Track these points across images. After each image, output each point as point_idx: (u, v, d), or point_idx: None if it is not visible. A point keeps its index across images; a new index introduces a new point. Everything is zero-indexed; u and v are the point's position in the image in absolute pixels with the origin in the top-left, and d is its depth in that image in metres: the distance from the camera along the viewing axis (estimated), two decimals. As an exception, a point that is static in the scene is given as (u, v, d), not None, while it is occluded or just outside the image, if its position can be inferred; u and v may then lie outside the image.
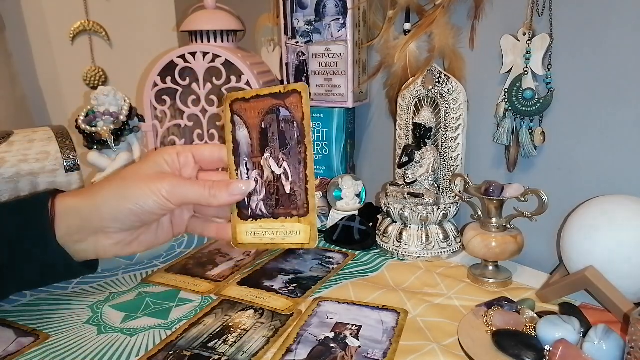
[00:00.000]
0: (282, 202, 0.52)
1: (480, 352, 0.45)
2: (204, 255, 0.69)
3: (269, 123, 0.51)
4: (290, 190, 0.51)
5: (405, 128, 0.72)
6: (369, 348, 0.46)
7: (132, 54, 1.31)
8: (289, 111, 0.50)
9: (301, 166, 0.50)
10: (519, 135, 0.64)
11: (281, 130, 0.50)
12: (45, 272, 0.53)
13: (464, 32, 0.69)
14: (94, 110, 0.79)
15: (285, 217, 0.52)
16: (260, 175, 0.52)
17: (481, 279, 0.59)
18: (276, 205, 0.52)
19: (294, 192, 0.51)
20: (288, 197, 0.51)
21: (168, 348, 0.47)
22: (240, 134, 0.52)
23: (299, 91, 0.49)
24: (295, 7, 0.78)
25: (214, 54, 0.80)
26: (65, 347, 0.48)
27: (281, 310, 0.53)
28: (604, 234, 0.51)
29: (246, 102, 0.51)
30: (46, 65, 1.30)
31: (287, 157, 0.51)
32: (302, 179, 0.50)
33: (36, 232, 0.50)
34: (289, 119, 0.50)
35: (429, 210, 0.66)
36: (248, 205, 0.53)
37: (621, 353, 0.40)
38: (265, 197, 0.52)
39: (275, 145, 0.51)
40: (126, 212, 0.50)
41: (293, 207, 0.51)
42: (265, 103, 0.51)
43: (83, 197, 0.51)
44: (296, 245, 0.52)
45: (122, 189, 0.50)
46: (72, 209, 0.51)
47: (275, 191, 0.52)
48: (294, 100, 0.49)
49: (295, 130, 0.50)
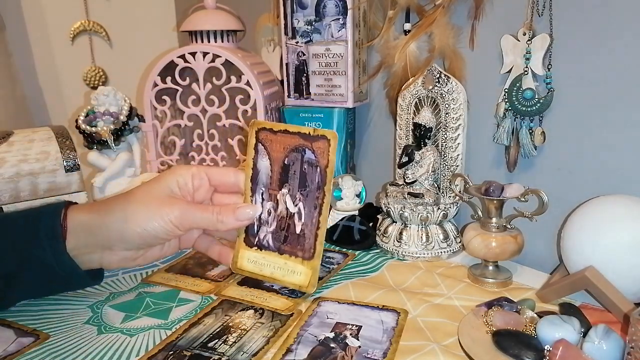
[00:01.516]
0: (290, 240, 0.52)
1: (480, 352, 0.45)
2: (204, 255, 0.68)
3: (292, 161, 0.51)
4: (300, 231, 0.51)
5: (405, 128, 0.72)
6: (369, 348, 0.46)
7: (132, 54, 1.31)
8: (314, 155, 0.50)
9: (316, 211, 0.51)
10: (519, 135, 0.64)
11: (303, 171, 0.51)
12: (54, 282, 0.53)
13: (464, 32, 0.69)
14: (94, 110, 0.79)
15: (290, 255, 0.52)
16: (274, 208, 0.52)
17: (481, 279, 0.59)
18: (284, 242, 0.52)
19: (304, 233, 0.51)
20: (297, 237, 0.52)
21: (168, 348, 0.47)
22: (261, 163, 0.53)
23: (328, 138, 0.49)
24: (295, 7, 0.78)
25: (214, 54, 0.81)
26: (65, 347, 0.48)
27: (281, 310, 0.53)
28: (603, 234, 0.51)
29: (273, 134, 0.52)
30: (46, 65, 1.30)
31: (304, 198, 0.51)
32: (314, 224, 0.51)
33: (49, 244, 0.50)
34: (313, 163, 0.50)
35: (429, 210, 0.66)
36: (256, 233, 0.53)
37: (621, 353, 0.40)
38: (275, 230, 0.52)
39: (295, 183, 0.51)
40: (133, 236, 0.51)
41: (300, 247, 0.52)
42: (292, 140, 0.51)
43: (93, 214, 0.52)
44: (294, 286, 0.53)
45: (132, 211, 0.51)
46: (82, 224, 0.51)
47: (285, 228, 0.52)
48: (322, 145, 0.50)
49: (317, 174, 0.50)
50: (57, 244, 0.50)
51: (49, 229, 0.50)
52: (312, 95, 0.81)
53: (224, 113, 0.83)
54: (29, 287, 0.53)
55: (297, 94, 0.82)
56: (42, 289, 0.55)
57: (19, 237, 0.51)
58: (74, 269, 0.52)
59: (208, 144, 0.86)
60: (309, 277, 0.51)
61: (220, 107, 0.82)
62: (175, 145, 0.89)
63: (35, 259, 0.50)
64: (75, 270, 0.52)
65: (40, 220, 0.51)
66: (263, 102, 0.80)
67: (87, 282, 0.56)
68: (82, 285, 0.57)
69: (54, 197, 0.73)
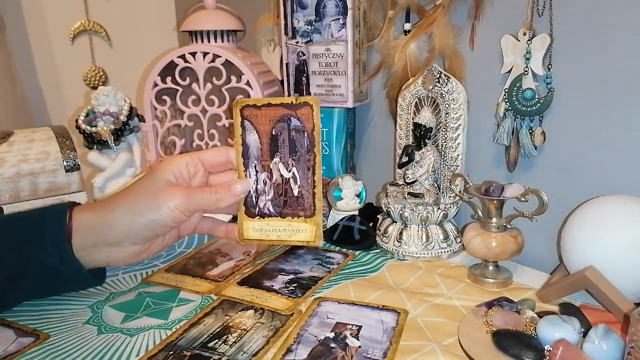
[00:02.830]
0: (290, 203, 0.55)
1: (480, 352, 0.45)
2: (204, 255, 0.69)
3: (280, 130, 0.54)
4: (298, 193, 0.54)
5: (405, 128, 0.72)
6: (369, 348, 0.46)
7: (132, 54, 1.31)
8: (300, 121, 0.53)
9: (310, 172, 0.54)
10: (519, 135, 0.64)
11: (292, 138, 0.54)
12: (58, 283, 0.54)
13: (464, 32, 0.69)
14: (94, 110, 0.79)
15: (293, 217, 0.55)
16: (269, 178, 0.55)
17: (481, 279, 0.59)
18: (284, 206, 0.55)
19: (302, 194, 0.54)
20: (296, 199, 0.55)
21: (168, 348, 0.47)
22: (250, 138, 0.55)
23: (310, 104, 0.53)
24: (296, 7, 0.78)
25: (214, 54, 0.80)
26: (65, 347, 0.48)
27: (281, 310, 0.53)
28: (604, 234, 0.51)
29: (257, 109, 0.54)
30: (46, 65, 1.30)
31: (297, 163, 0.54)
32: (310, 184, 0.54)
33: (55, 246, 0.51)
34: (300, 129, 0.53)
35: (429, 210, 0.66)
36: (256, 204, 0.56)
37: (621, 353, 0.40)
38: (274, 197, 0.55)
39: (285, 151, 0.54)
40: (140, 228, 0.52)
41: (300, 208, 0.55)
42: (276, 112, 0.54)
43: (97, 214, 0.52)
44: (302, 243, 0.55)
45: (135, 205, 0.52)
46: (86, 225, 0.52)
47: (283, 193, 0.55)
48: (305, 112, 0.53)
49: (305, 139, 0.53)
50: (64, 245, 0.50)
51: (55, 231, 0.51)
52: (312, 95, 0.81)
53: (224, 113, 0.83)
54: (32, 287, 0.53)
55: (297, 94, 0.82)
56: (46, 289, 0.55)
57: (24, 239, 0.51)
58: (79, 269, 0.52)
59: (208, 144, 0.86)
60: (314, 231, 0.54)
61: (221, 107, 0.82)
62: (175, 145, 0.89)
63: (41, 261, 0.51)
64: (80, 271, 0.52)
65: (46, 222, 0.52)
66: (263, 102, 0.80)
67: (91, 283, 0.56)
68: (86, 286, 0.57)
69: (54, 197, 0.73)
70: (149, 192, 0.52)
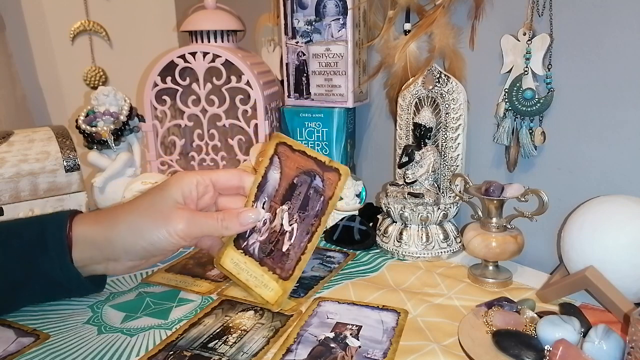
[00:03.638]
0: (274, 255, 0.53)
1: (480, 352, 0.45)
2: (204, 255, 0.69)
3: (301, 182, 0.53)
4: (286, 250, 0.53)
5: (405, 128, 0.72)
6: (369, 348, 0.46)
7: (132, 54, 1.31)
8: (322, 184, 0.52)
9: (307, 236, 0.52)
10: (519, 135, 0.64)
11: (308, 195, 0.52)
12: (58, 291, 0.54)
13: (464, 32, 0.69)
14: (94, 110, 0.79)
15: (269, 269, 0.53)
16: (270, 221, 0.54)
17: (481, 279, 0.59)
18: (268, 254, 0.54)
19: (289, 254, 0.53)
20: (281, 255, 0.53)
21: (168, 348, 0.47)
22: (271, 175, 0.54)
23: (340, 173, 0.51)
24: (295, 7, 0.78)
25: (214, 54, 0.81)
26: (65, 347, 0.48)
27: (285, 310, 0.53)
28: (603, 233, 0.51)
29: (291, 151, 0.53)
30: (46, 65, 1.30)
31: (300, 221, 0.52)
32: (301, 248, 0.52)
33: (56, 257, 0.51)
34: (320, 191, 0.52)
35: (429, 210, 0.66)
36: (247, 238, 0.55)
37: (621, 353, 0.40)
38: (264, 241, 0.54)
39: (296, 204, 0.53)
40: (139, 249, 0.52)
41: (280, 265, 0.53)
42: (306, 163, 0.53)
43: (98, 227, 0.52)
44: (261, 299, 0.53)
45: (138, 226, 0.51)
46: (87, 238, 0.52)
47: (274, 242, 0.53)
48: (332, 177, 0.51)
49: (319, 202, 0.52)
50: (64, 257, 0.51)
51: (55, 243, 0.51)
52: (312, 95, 0.81)
53: (224, 113, 0.83)
54: (34, 295, 0.54)
55: (297, 94, 0.82)
56: (47, 296, 0.55)
57: (25, 249, 0.51)
58: (79, 279, 0.52)
59: (208, 144, 0.86)
60: (278, 295, 0.53)
61: (220, 107, 0.82)
62: (176, 145, 0.89)
63: (42, 271, 0.51)
64: (80, 280, 0.52)
65: (46, 233, 0.51)
66: (263, 102, 0.80)
67: (91, 290, 0.56)
68: (86, 293, 0.57)
69: (54, 197, 0.73)
70: (152, 211, 0.51)
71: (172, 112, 0.87)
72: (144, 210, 0.52)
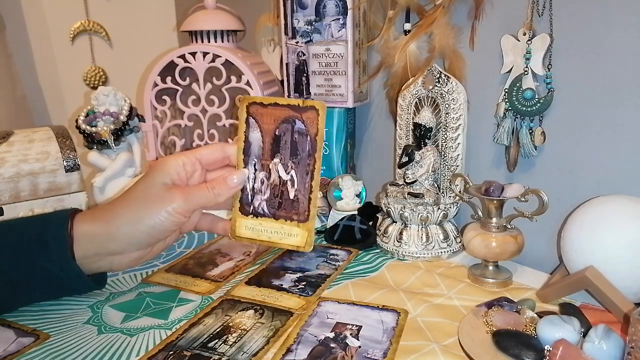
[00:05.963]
0: (284, 205, 0.54)
1: (480, 352, 0.45)
2: (204, 255, 0.69)
3: (283, 131, 0.54)
4: (294, 197, 0.54)
5: (405, 128, 0.72)
6: (369, 348, 0.46)
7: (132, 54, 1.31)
8: (304, 125, 0.53)
9: (308, 177, 0.53)
10: (519, 135, 0.64)
11: (294, 140, 0.53)
12: (60, 289, 0.54)
13: (464, 32, 0.69)
14: (94, 110, 0.79)
15: (286, 219, 0.54)
16: (267, 177, 0.55)
17: (481, 279, 0.59)
18: (278, 208, 0.55)
19: (297, 198, 0.54)
20: (291, 202, 0.54)
21: (168, 348, 0.47)
22: (252, 136, 0.55)
23: (317, 108, 0.52)
24: (295, 7, 0.78)
25: (214, 54, 0.81)
26: (65, 347, 0.48)
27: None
28: (603, 234, 0.51)
29: (263, 108, 0.54)
30: (46, 65, 1.30)
31: (296, 166, 0.54)
32: (307, 189, 0.53)
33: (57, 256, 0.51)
34: (303, 132, 0.53)
35: (429, 210, 0.66)
36: (251, 202, 0.55)
37: (621, 353, 0.40)
38: (269, 198, 0.55)
39: (286, 153, 0.54)
40: (142, 236, 0.52)
41: (294, 212, 0.54)
42: (282, 112, 0.53)
43: (98, 223, 0.52)
44: (291, 247, 0.54)
45: (135, 214, 0.52)
46: (88, 235, 0.52)
47: (279, 194, 0.54)
48: (311, 115, 0.52)
49: (307, 143, 0.53)
50: (66, 256, 0.51)
51: (57, 242, 0.51)
52: (312, 95, 0.81)
53: (224, 113, 0.83)
54: (34, 294, 0.54)
55: (297, 94, 0.82)
56: (47, 296, 0.55)
57: (26, 247, 0.51)
58: (81, 277, 0.52)
59: (208, 143, 0.86)
60: (305, 237, 0.54)
61: (220, 107, 0.82)
62: (175, 145, 0.89)
63: (43, 269, 0.51)
64: (81, 277, 0.52)
65: (47, 232, 0.51)
66: (263, 102, 0.80)
67: (92, 287, 0.56)
68: (87, 290, 0.57)
69: (54, 197, 0.73)
70: (147, 197, 0.52)
71: (172, 112, 0.87)
72: (138, 199, 0.52)
